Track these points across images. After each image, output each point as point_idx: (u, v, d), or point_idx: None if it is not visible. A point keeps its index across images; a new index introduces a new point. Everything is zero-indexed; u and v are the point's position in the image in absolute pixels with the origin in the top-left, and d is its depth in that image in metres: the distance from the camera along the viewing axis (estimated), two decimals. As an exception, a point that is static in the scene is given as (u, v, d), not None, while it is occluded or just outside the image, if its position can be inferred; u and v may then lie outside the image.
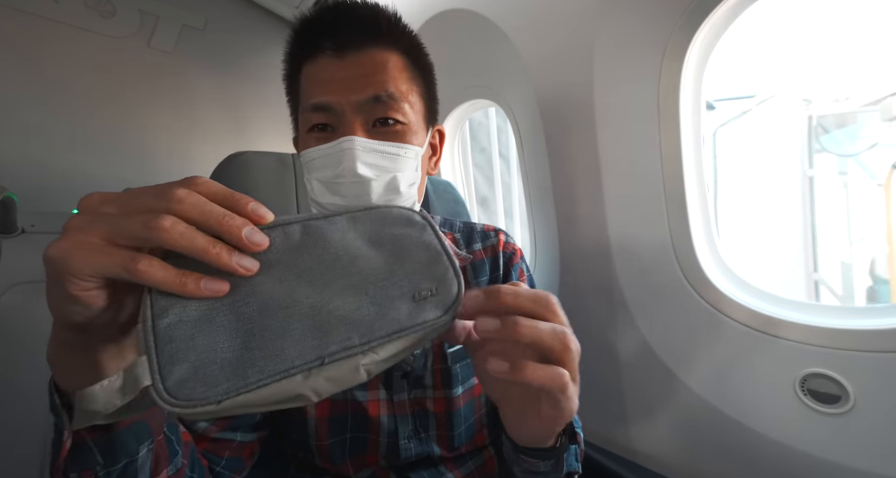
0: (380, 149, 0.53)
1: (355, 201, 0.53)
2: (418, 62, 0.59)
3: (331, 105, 0.52)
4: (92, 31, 1.22)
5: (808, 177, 2.30)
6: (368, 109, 0.53)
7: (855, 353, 0.61)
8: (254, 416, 0.55)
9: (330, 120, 0.53)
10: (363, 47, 0.53)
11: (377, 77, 0.53)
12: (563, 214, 0.95)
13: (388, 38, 0.55)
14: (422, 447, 0.60)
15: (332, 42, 0.53)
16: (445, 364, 0.61)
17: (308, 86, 0.55)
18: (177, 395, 0.25)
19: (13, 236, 0.86)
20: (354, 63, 0.53)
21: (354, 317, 0.29)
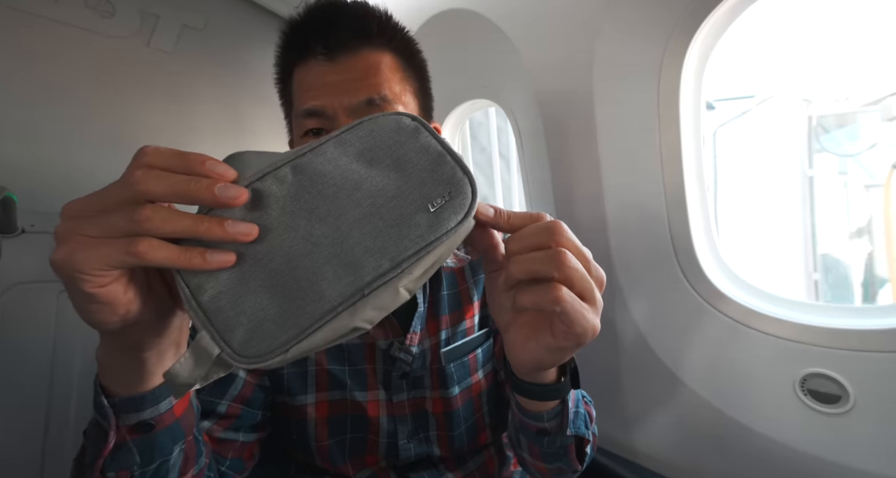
0: None
1: None
2: (411, 61, 0.58)
3: (324, 109, 0.52)
4: (92, 31, 1.22)
5: (808, 177, 2.30)
6: (361, 113, 0.52)
7: (855, 353, 0.61)
8: (255, 417, 0.55)
9: (323, 124, 0.53)
10: (355, 49, 0.53)
11: (370, 80, 0.52)
12: (563, 213, 0.95)
13: (380, 39, 0.55)
14: (421, 448, 0.60)
15: (323, 45, 0.52)
16: (440, 364, 0.61)
17: (300, 91, 0.55)
18: (247, 354, 0.27)
19: (13, 236, 0.86)
20: (346, 66, 0.52)
21: (377, 244, 0.29)
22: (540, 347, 0.35)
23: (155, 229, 0.26)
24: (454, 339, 0.63)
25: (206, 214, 0.28)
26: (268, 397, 0.57)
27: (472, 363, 0.64)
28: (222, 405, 0.52)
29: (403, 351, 0.58)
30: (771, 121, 2.41)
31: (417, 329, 0.60)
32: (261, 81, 1.47)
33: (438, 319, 0.63)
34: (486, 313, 0.68)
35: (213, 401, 0.52)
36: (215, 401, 0.52)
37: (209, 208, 0.28)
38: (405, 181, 0.31)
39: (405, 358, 0.58)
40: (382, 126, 0.33)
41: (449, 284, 0.65)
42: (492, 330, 0.68)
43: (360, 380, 0.59)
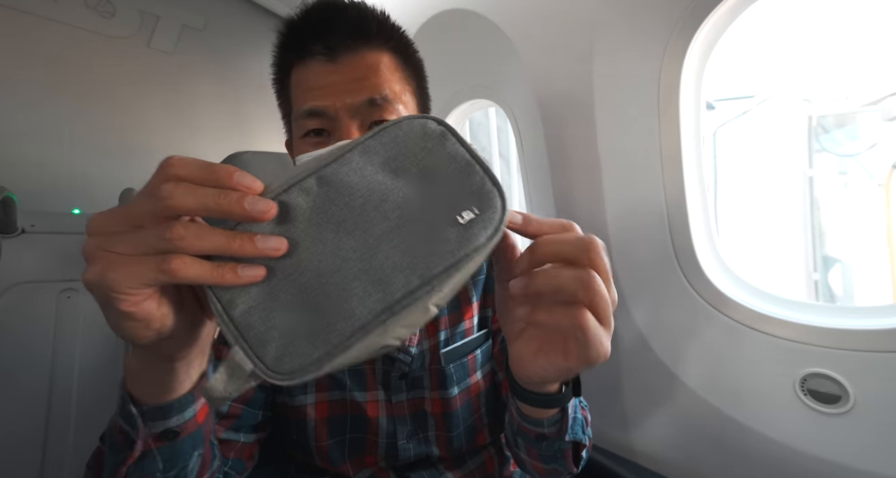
0: None
1: None
2: (409, 60, 0.58)
3: (325, 110, 0.52)
4: (92, 31, 1.22)
5: (808, 177, 2.30)
6: (363, 113, 0.52)
7: (855, 353, 0.61)
8: (255, 417, 0.55)
9: (325, 125, 0.53)
10: (354, 49, 0.53)
11: (371, 80, 0.52)
12: (563, 214, 0.95)
13: (379, 39, 0.54)
14: (420, 448, 0.60)
15: (323, 45, 0.52)
16: (440, 365, 0.61)
17: (300, 91, 0.54)
18: (280, 370, 0.26)
19: (13, 236, 0.86)
20: (347, 66, 0.52)
21: (406, 260, 0.28)
22: (549, 365, 0.34)
23: (188, 248, 0.26)
24: (453, 340, 0.63)
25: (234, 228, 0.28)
26: (268, 397, 0.57)
27: (471, 364, 0.64)
28: (224, 405, 0.52)
29: (402, 352, 0.58)
30: (771, 121, 2.41)
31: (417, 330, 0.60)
32: (261, 81, 1.46)
33: (437, 320, 0.63)
34: (485, 314, 0.68)
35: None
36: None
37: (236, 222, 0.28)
38: (434, 192, 0.30)
39: (404, 359, 0.58)
40: (408, 132, 0.32)
41: None
42: (491, 331, 0.68)
43: (360, 380, 0.59)
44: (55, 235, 0.90)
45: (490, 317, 0.68)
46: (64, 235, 0.90)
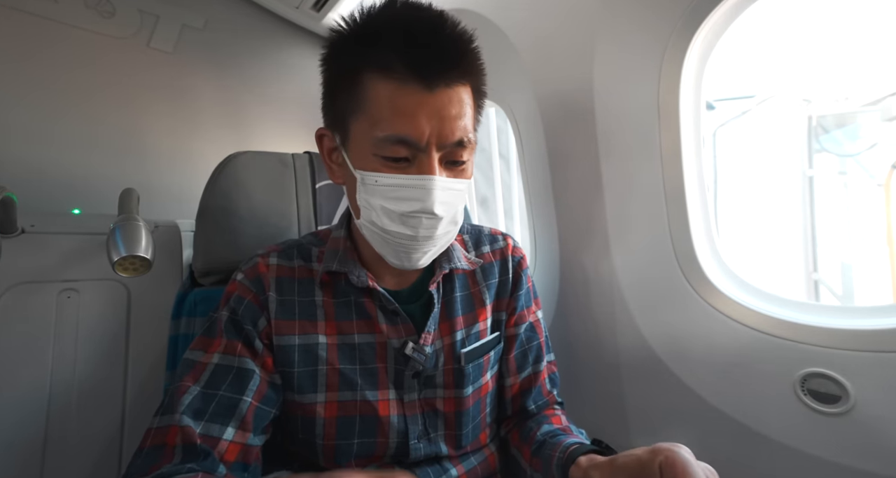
0: (452, 186, 0.54)
1: (423, 234, 0.53)
2: (480, 90, 0.58)
3: (417, 141, 0.50)
4: (92, 31, 1.22)
5: (808, 177, 2.30)
6: (449, 150, 0.52)
7: (855, 353, 0.61)
8: (268, 415, 0.55)
9: (409, 153, 0.51)
10: (450, 80, 0.51)
11: (463, 120, 0.52)
12: (563, 214, 0.95)
13: (470, 70, 0.54)
14: (430, 447, 0.60)
15: (423, 70, 0.49)
16: (458, 364, 0.62)
17: (385, 109, 0.50)
18: None
19: (13, 236, 0.86)
20: (442, 98, 0.51)
21: None
22: None
23: None
24: (469, 341, 0.64)
25: None
26: (279, 396, 0.57)
27: (485, 364, 0.65)
28: (245, 402, 0.52)
29: (417, 351, 0.59)
30: (771, 121, 2.41)
31: (432, 329, 0.61)
32: (261, 81, 1.47)
33: (452, 321, 0.64)
34: (498, 317, 0.69)
35: (235, 397, 0.52)
36: (236, 397, 0.52)
37: None
38: None
39: (419, 358, 0.59)
40: None
41: (461, 285, 0.66)
42: (501, 334, 0.69)
43: (372, 379, 0.59)
44: (55, 235, 0.89)
45: (503, 320, 0.69)
46: (64, 235, 0.90)
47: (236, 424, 0.51)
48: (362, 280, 0.59)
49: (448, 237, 0.58)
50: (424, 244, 0.55)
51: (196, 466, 0.47)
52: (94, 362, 0.88)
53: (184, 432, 0.48)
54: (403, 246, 0.55)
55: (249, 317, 0.57)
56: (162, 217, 1.01)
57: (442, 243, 0.58)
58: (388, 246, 0.56)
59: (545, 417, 0.67)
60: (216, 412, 0.51)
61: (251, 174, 0.80)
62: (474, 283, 0.68)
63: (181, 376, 0.53)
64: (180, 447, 0.48)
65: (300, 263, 0.62)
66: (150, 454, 0.47)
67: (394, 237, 0.54)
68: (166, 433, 0.48)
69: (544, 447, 0.59)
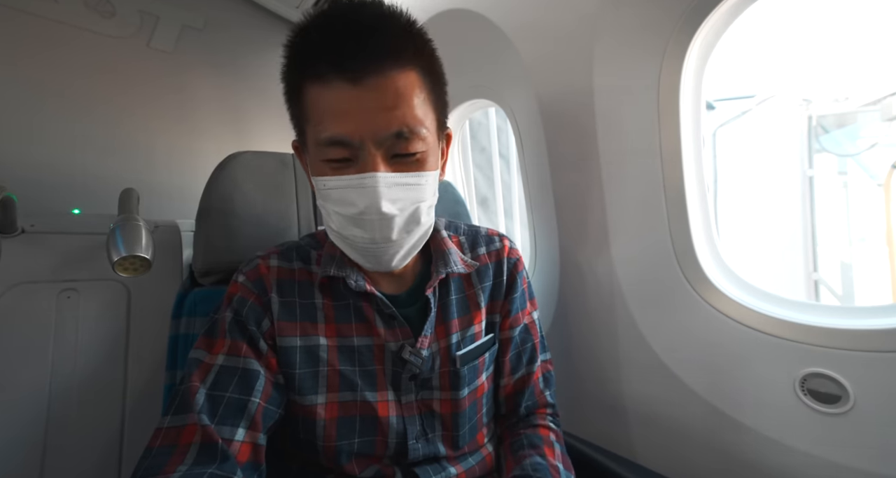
0: (402, 182, 0.51)
1: (380, 235, 0.52)
2: (433, 74, 0.55)
3: (350, 139, 0.49)
4: (92, 31, 1.22)
5: (808, 177, 2.30)
6: (389, 143, 0.50)
7: (855, 353, 0.61)
8: (273, 415, 0.55)
9: (348, 153, 0.50)
10: (381, 71, 0.48)
11: (399, 110, 0.49)
12: (563, 214, 0.95)
13: (407, 55, 0.50)
14: (429, 448, 0.61)
15: (345, 65, 0.47)
16: (454, 367, 0.62)
17: (319, 114, 0.50)
18: None
19: (13, 236, 0.86)
20: (373, 90, 0.48)
21: None
22: None
23: None
24: (464, 343, 0.64)
25: None
26: (283, 396, 0.57)
27: (480, 366, 0.65)
28: (253, 403, 0.52)
29: (414, 354, 0.59)
30: (771, 121, 2.41)
31: (428, 333, 0.61)
32: (260, 81, 1.47)
33: (447, 323, 0.64)
34: (492, 319, 0.69)
35: (243, 398, 0.52)
36: (244, 398, 0.52)
37: None
38: None
39: (415, 361, 0.59)
40: None
41: (457, 288, 0.66)
42: (496, 336, 0.68)
43: (371, 380, 0.59)
44: (55, 235, 0.90)
45: (497, 322, 0.69)
46: (64, 235, 0.90)
47: (247, 424, 0.51)
48: (360, 285, 0.58)
49: (414, 237, 0.56)
50: (386, 246, 0.53)
51: (216, 470, 0.46)
52: (94, 362, 0.88)
53: (204, 431, 0.48)
54: (367, 250, 0.54)
55: (253, 318, 0.57)
56: (162, 217, 1.01)
57: (411, 243, 0.56)
58: (354, 251, 0.56)
59: (539, 438, 0.65)
60: (226, 414, 0.50)
61: (251, 174, 0.80)
62: (469, 285, 0.68)
63: (189, 375, 0.52)
64: (196, 446, 0.47)
65: (300, 266, 0.62)
66: (161, 454, 0.47)
67: (354, 241, 0.54)
68: (180, 433, 0.48)
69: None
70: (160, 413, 0.80)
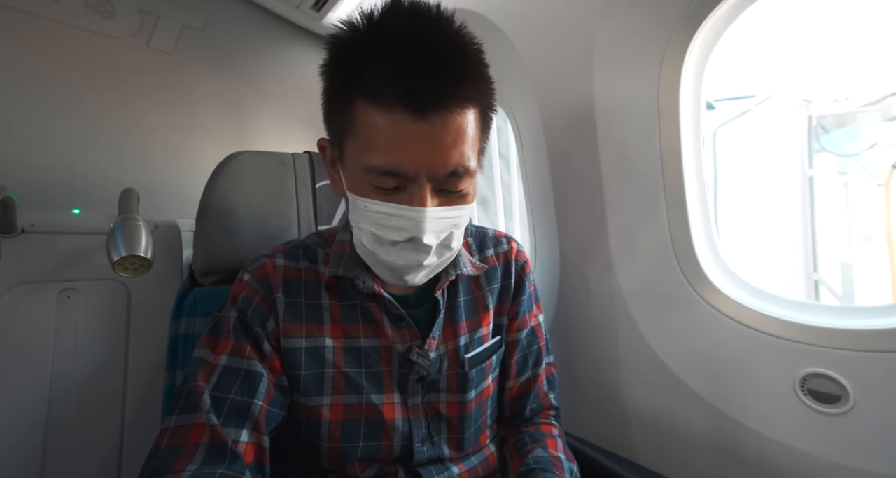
0: (446, 215, 0.51)
1: (413, 260, 0.52)
2: (489, 110, 0.53)
3: (405, 172, 0.48)
4: (92, 31, 1.22)
5: (808, 177, 2.30)
6: (442, 180, 0.50)
7: (855, 353, 0.61)
8: (276, 417, 0.55)
9: (400, 183, 0.49)
10: (446, 107, 0.46)
11: (456, 149, 0.48)
12: (563, 213, 0.95)
13: (471, 93, 0.48)
14: (434, 451, 0.61)
15: (414, 97, 0.45)
16: (462, 369, 0.62)
17: (373, 137, 0.48)
18: None
19: (13, 236, 0.86)
20: (435, 127, 0.46)
21: None
22: None
23: None
24: (472, 345, 0.64)
25: None
26: (286, 398, 0.56)
27: (487, 369, 0.65)
28: (256, 405, 0.52)
29: (422, 356, 0.59)
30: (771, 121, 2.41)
31: (436, 335, 0.61)
32: (260, 81, 1.47)
33: (455, 325, 0.64)
34: (499, 322, 0.69)
35: (246, 400, 0.52)
36: (248, 400, 0.52)
37: None
38: None
39: (423, 363, 0.59)
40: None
41: (465, 290, 0.66)
42: (503, 338, 0.69)
43: (377, 382, 0.59)
44: (55, 235, 0.89)
45: (505, 325, 0.69)
46: (64, 235, 0.90)
47: (251, 426, 0.51)
48: (368, 286, 0.58)
49: (442, 260, 0.56)
50: (415, 269, 0.54)
51: (227, 471, 0.46)
52: (94, 362, 0.88)
53: (213, 432, 0.48)
54: (395, 269, 0.54)
55: (258, 319, 0.56)
56: (162, 217, 1.01)
57: (435, 265, 0.56)
58: (380, 266, 0.56)
59: (542, 434, 0.67)
60: (230, 415, 0.50)
61: (251, 174, 0.79)
62: (478, 287, 0.68)
63: (194, 374, 0.52)
64: (205, 446, 0.47)
65: (306, 265, 0.62)
66: (168, 454, 0.46)
67: (383, 261, 0.54)
68: (188, 432, 0.48)
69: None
70: (160, 413, 0.80)
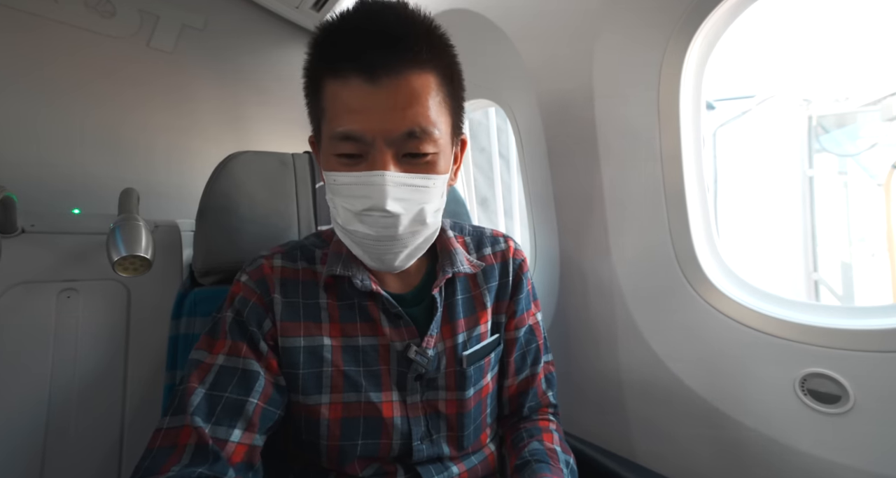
0: (410, 182, 0.52)
1: (383, 233, 0.52)
2: (452, 78, 0.55)
3: (362, 135, 0.50)
4: (92, 31, 1.22)
5: (808, 177, 2.30)
6: (400, 142, 0.51)
7: (855, 353, 0.61)
8: (273, 416, 0.55)
9: (359, 149, 0.51)
10: (397, 71, 0.49)
11: (412, 109, 0.50)
12: (563, 213, 0.95)
13: (424, 56, 0.51)
14: (433, 449, 0.61)
15: (363, 63, 0.48)
16: (460, 367, 0.62)
17: (335, 108, 0.51)
18: None
19: (13, 236, 0.86)
20: (388, 90, 0.49)
21: None
22: None
23: None
24: (471, 343, 0.64)
25: None
26: (284, 397, 0.56)
27: (485, 366, 0.66)
28: (251, 404, 0.52)
29: (420, 353, 0.59)
30: (771, 121, 2.41)
31: (434, 332, 0.61)
32: (260, 81, 1.47)
33: (453, 323, 0.64)
34: (497, 320, 0.69)
35: (241, 399, 0.52)
36: (242, 398, 0.52)
37: None
38: None
39: (421, 361, 0.59)
40: None
41: (463, 288, 0.67)
42: (501, 336, 0.69)
43: (375, 381, 0.59)
44: (55, 235, 0.89)
45: (503, 323, 0.69)
46: (64, 235, 0.90)
47: (243, 425, 0.51)
48: (366, 284, 0.58)
49: (419, 238, 0.56)
50: (390, 245, 0.54)
51: (206, 471, 0.46)
52: (94, 362, 0.88)
53: (198, 434, 0.48)
54: (371, 247, 0.54)
55: (255, 319, 0.56)
56: (162, 217, 1.01)
57: (416, 244, 0.56)
58: (358, 247, 0.56)
59: (538, 429, 0.67)
60: (223, 414, 0.50)
61: (251, 174, 0.80)
62: (475, 285, 0.68)
63: (188, 376, 0.53)
64: (192, 448, 0.47)
65: (304, 265, 0.62)
66: (160, 455, 0.47)
67: (358, 237, 0.54)
68: (178, 434, 0.48)
69: (525, 471, 0.59)
70: (160, 413, 0.80)
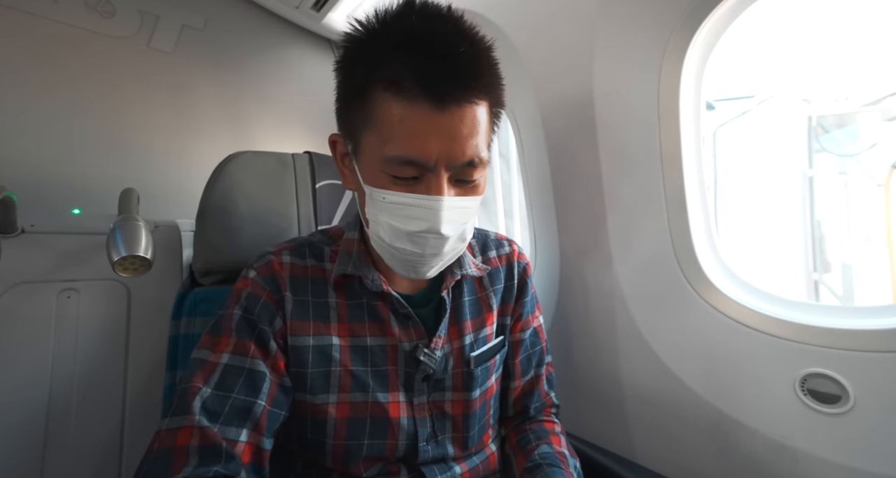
0: (461, 205, 0.52)
1: (430, 251, 0.53)
2: (498, 105, 0.56)
3: (425, 162, 0.49)
4: (92, 31, 1.22)
5: (808, 177, 2.30)
6: (458, 169, 0.51)
7: (855, 353, 0.61)
8: (278, 417, 0.54)
9: (419, 172, 0.50)
10: (465, 98, 0.49)
11: (472, 140, 0.50)
12: (563, 213, 0.95)
13: (483, 86, 0.50)
14: (438, 450, 0.61)
15: (435, 87, 0.47)
16: (468, 368, 0.63)
17: (394, 127, 0.49)
18: None
19: (13, 236, 0.86)
20: (453, 117, 0.48)
21: None
22: None
23: None
24: (477, 344, 0.65)
25: None
26: (289, 398, 0.56)
27: (491, 368, 0.66)
28: (258, 406, 0.52)
29: (428, 354, 0.59)
30: (771, 121, 2.41)
31: (443, 333, 0.62)
32: (261, 81, 1.47)
33: (461, 325, 0.64)
34: (503, 322, 0.70)
35: (249, 400, 0.51)
36: (251, 400, 0.51)
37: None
38: None
39: (429, 361, 0.59)
40: None
41: (469, 290, 0.67)
42: (506, 338, 0.70)
43: (383, 381, 0.59)
44: (55, 235, 0.89)
45: (508, 325, 0.70)
46: (64, 235, 0.90)
47: (251, 426, 0.51)
48: (376, 284, 0.59)
49: (456, 252, 0.57)
50: (431, 259, 0.54)
51: (222, 469, 0.46)
52: (94, 362, 0.88)
53: (203, 434, 0.47)
54: (410, 261, 0.54)
55: (266, 316, 0.56)
56: (162, 217, 1.01)
57: (450, 258, 0.57)
58: (395, 259, 0.56)
59: (545, 431, 0.68)
60: (231, 415, 0.50)
61: (251, 174, 0.80)
62: (482, 288, 0.68)
63: (191, 375, 0.52)
64: (196, 449, 0.47)
65: (313, 263, 0.61)
66: (162, 457, 0.46)
67: (401, 253, 0.54)
68: (179, 435, 0.47)
69: (538, 474, 0.60)
70: (160, 414, 0.80)
